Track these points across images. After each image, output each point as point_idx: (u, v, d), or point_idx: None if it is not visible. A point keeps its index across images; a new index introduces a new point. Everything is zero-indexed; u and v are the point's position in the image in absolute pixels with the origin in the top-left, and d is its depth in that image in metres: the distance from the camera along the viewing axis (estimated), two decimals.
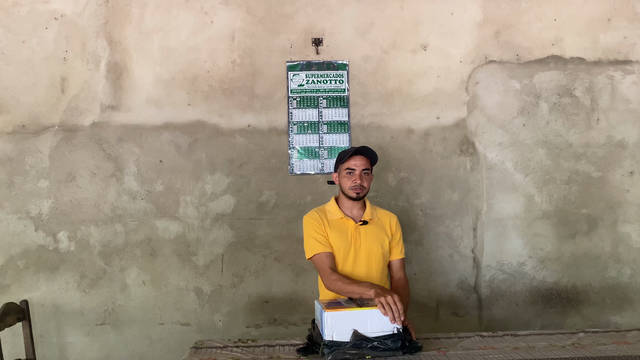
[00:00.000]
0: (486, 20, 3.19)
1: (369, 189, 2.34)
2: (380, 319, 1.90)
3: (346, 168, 2.30)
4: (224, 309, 3.09)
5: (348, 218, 2.33)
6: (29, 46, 3.03)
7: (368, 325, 1.89)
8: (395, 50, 3.16)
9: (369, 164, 2.32)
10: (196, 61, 3.09)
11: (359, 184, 2.27)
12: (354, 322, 1.89)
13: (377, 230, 2.35)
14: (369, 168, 2.32)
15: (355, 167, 2.28)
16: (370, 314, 1.90)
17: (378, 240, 2.33)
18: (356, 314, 1.90)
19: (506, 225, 3.19)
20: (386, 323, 1.90)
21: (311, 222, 2.32)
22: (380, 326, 1.90)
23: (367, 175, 2.32)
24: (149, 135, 3.07)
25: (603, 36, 3.23)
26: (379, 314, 1.90)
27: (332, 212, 2.35)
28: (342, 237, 2.30)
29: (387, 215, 2.42)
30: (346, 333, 1.88)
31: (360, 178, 2.28)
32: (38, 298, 3.02)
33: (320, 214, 2.35)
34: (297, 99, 3.12)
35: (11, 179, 3.02)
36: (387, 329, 1.89)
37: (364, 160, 2.30)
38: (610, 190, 3.24)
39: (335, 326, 1.88)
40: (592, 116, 3.23)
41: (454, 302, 3.18)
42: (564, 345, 2.07)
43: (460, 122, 3.18)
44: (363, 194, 2.30)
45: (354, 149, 2.32)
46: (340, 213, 2.34)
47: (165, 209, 3.08)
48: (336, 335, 1.88)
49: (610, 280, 3.23)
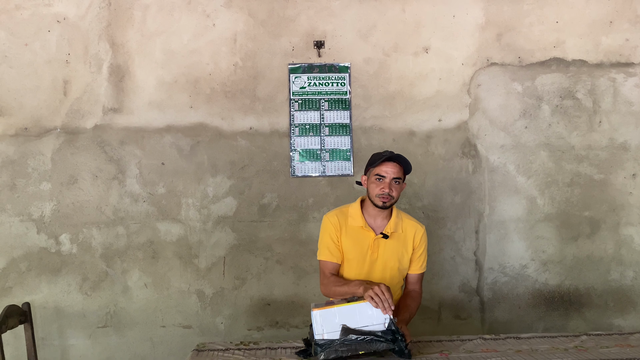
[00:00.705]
0: (488, 22, 3.19)
1: (397, 199, 2.17)
2: (369, 313, 1.86)
3: (376, 173, 2.13)
4: (225, 311, 3.09)
5: (369, 228, 2.19)
6: (31, 49, 3.04)
7: (358, 320, 1.86)
8: (397, 53, 3.16)
9: (402, 172, 2.15)
10: (198, 64, 3.10)
11: (387, 193, 2.10)
12: (343, 318, 1.86)
13: (397, 244, 2.21)
14: (401, 177, 2.15)
15: (386, 174, 2.11)
16: (359, 308, 1.87)
17: (396, 255, 2.20)
18: (344, 309, 1.87)
19: (508, 228, 3.18)
20: (376, 316, 1.86)
21: (329, 227, 2.21)
22: (370, 319, 1.86)
23: (398, 185, 2.14)
24: (151, 138, 3.08)
25: (605, 38, 3.23)
26: (368, 307, 1.86)
27: (353, 218, 2.20)
28: (359, 248, 2.19)
29: (413, 227, 2.24)
30: (337, 330, 1.85)
31: (389, 187, 2.11)
32: (40, 300, 3.02)
33: (341, 218, 2.21)
34: (299, 102, 3.13)
35: (13, 182, 3.03)
36: (378, 322, 1.86)
37: (397, 167, 2.13)
38: (612, 193, 3.23)
39: (324, 324, 1.85)
40: (594, 119, 3.22)
41: (456, 305, 3.17)
42: (567, 348, 2.06)
43: (462, 124, 3.18)
44: (390, 203, 2.13)
45: (388, 153, 2.15)
46: (361, 221, 2.19)
47: (167, 211, 3.08)
48: (327, 333, 1.85)
49: (613, 283, 3.22)
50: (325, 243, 2.21)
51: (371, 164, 2.19)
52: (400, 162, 2.15)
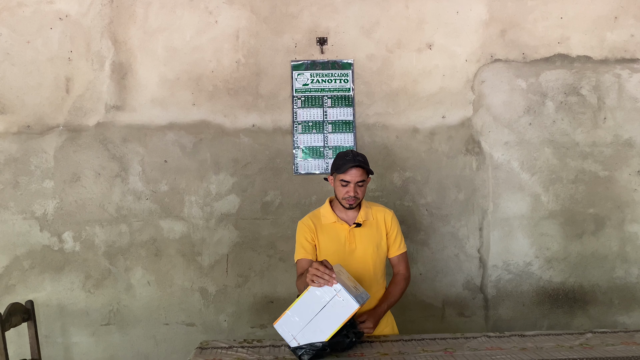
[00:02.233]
0: (492, 18, 3.17)
1: (363, 196, 2.29)
2: (318, 294, 1.87)
3: (341, 179, 2.25)
4: (229, 309, 3.09)
5: (342, 222, 2.30)
6: (33, 46, 3.04)
7: (314, 307, 1.86)
8: (400, 49, 3.15)
9: (364, 174, 2.25)
10: (201, 61, 3.09)
11: (352, 196, 2.23)
12: (301, 314, 1.87)
13: (371, 231, 2.31)
14: (364, 179, 2.26)
15: (351, 179, 2.22)
16: (307, 297, 1.88)
17: (373, 241, 2.30)
18: (296, 307, 1.88)
19: (512, 225, 3.17)
20: (326, 292, 1.86)
21: (303, 229, 2.32)
22: (322, 299, 1.86)
23: (361, 187, 2.26)
24: (154, 135, 3.07)
25: (610, 34, 3.21)
26: (315, 290, 1.87)
27: (325, 216, 2.32)
28: (336, 241, 2.29)
29: (382, 212, 2.35)
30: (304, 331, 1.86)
31: (354, 190, 2.23)
32: (43, 298, 3.02)
33: (314, 220, 2.33)
34: (302, 99, 3.12)
35: (16, 179, 3.03)
36: (330, 296, 1.85)
37: (360, 171, 2.23)
38: (617, 190, 3.21)
39: (290, 329, 1.87)
40: (599, 115, 3.20)
41: (460, 303, 3.16)
42: (572, 346, 2.05)
43: (465, 121, 3.17)
44: (356, 203, 2.26)
45: (350, 160, 2.23)
46: (333, 217, 2.31)
47: (170, 209, 3.07)
48: (297, 335, 1.87)
49: (618, 280, 3.21)
50: (300, 243, 2.31)
51: (336, 169, 2.26)
52: (363, 166, 2.23)
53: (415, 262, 3.13)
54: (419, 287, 3.15)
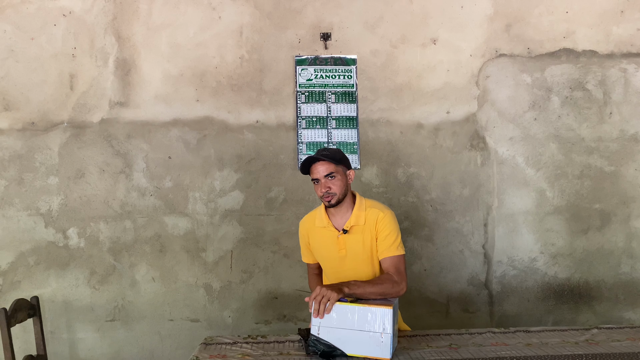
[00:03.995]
0: (496, 13, 3.15)
1: (345, 190, 2.15)
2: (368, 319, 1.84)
3: (312, 179, 2.17)
4: (233, 305, 3.09)
5: (331, 227, 2.21)
6: (37, 43, 3.04)
7: (358, 324, 1.84)
8: (404, 45, 3.13)
9: (331, 166, 2.12)
10: (204, 57, 3.08)
11: (326, 192, 2.12)
12: (342, 318, 1.85)
13: (361, 237, 2.17)
14: (333, 170, 2.12)
15: (317, 175, 2.13)
16: (359, 311, 1.84)
17: (364, 247, 2.17)
18: (343, 308, 1.85)
19: (517, 221, 3.16)
20: (374, 324, 1.83)
21: (301, 232, 2.35)
22: (368, 325, 1.83)
23: (334, 179, 2.12)
24: (158, 132, 3.07)
25: (616, 28, 3.19)
26: (368, 311, 1.83)
27: (319, 219, 2.24)
28: (327, 247, 2.23)
29: (375, 214, 2.18)
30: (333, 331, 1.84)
31: (325, 185, 2.12)
32: (48, 294, 3.03)
33: (309, 222, 2.29)
34: (306, 94, 3.11)
35: (21, 176, 3.03)
36: (376, 330, 1.82)
37: (324, 165, 2.11)
38: (623, 185, 3.19)
39: (322, 320, 1.85)
40: (605, 110, 3.18)
41: (465, 298, 3.16)
42: (578, 342, 2.04)
43: (470, 116, 3.15)
44: (335, 200, 2.13)
45: (312, 158, 2.14)
46: (325, 221, 2.22)
47: (174, 205, 3.08)
48: (323, 331, 1.85)
49: (624, 276, 3.19)
50: (302, 248, 2.39)
51: (305, 173, 2.20)
52: (325, 157, 2.12)
53: (420, 257, 3.13)
54: (424, 283, 3.14)
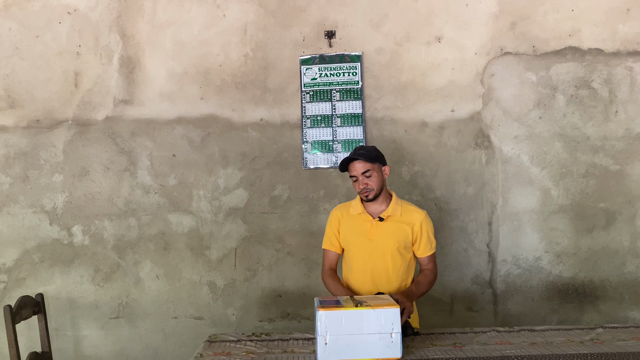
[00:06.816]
0: (501, 11, 3.14)
1: (381, 185, 2.37)
2: (376, 321, 1.81)
3: (350, 176, 2.39)
4: (237, 303, 3.09)
5: (367, 214, 2.39)
6: (42, 41, 3.05)
7: (364, 326, 1.81)
8: (409, 43, 3.13)
9: (367, 164, 2.33)
10: (209, 55, 3.08)
11: (364, 188, 2.34)
12: (349, 321, 1.80)
13: (397, 228, 2.37)
14: (369, 168, 2.33)
15: (355, 173, 2.35)
16: (368, 315, 1.81)
17: (396, 237, 2.35)
18: (352, 313, 1.81)
19: (522, 220, 3.15)
20: (384, 324, 1.80)
21: (332, 219, 2.47)
22: (377, 328, 1.81)
23: (370, 175, 2.34)
24: (162, 130, 3.08)
25: (622, 27, 3.16)
26: (376, 314, 1.81)
27: (354, 208, 2.43)
28: (357, 232, 2.39)
29: (415, 212, 2.42)
30: (341, 337, 1.79)
31: (363, 182, 2.34)
32: (53, 291, 3.04)
33: (343, 210, 2.46)
34: (310, 93, 3.10)
35: (26, 174, 3.04)
36: (385, 330, 1.81)
37: (360, 163, 2.33)
38: (628, 184, 3.17)
39: (329, 326, 1.79)
40: (611, 108, 3.17)
41: (469, 297, 3.15)
42: (583, 341, 2.04)
43: (475, 115, 3.14)
44: (373, 195, 2.35)
45: (349, 157, 2.35)
46: (360, 208, 2.41)
47: (179, 203, 3.08)
48: (330, 339, 1.79)
49: (629, 276, 3.18)
50: (328, 234, 2.49)
51: (344, 170, 2.42)
52: (361, 156, 2.32)
53: None
54: None
